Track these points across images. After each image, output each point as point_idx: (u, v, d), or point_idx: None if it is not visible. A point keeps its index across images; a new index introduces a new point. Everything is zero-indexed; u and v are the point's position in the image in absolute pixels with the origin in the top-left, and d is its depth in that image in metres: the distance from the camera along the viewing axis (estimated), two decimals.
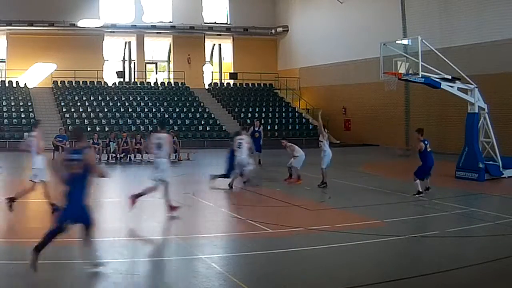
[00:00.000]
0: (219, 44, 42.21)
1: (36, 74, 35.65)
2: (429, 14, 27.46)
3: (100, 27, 36.43)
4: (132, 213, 11.70)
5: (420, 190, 14.06)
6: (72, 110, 32.91)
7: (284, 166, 17.18)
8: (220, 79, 41.61)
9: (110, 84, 37.14)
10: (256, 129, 22.63)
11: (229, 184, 15.44)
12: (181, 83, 38.92)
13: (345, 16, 34.04)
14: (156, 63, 42.24)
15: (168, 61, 41.09)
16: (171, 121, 33.37)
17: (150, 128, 30.51)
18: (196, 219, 11.91)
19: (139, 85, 37.91)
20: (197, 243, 9.53)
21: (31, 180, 11.79)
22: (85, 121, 31.96)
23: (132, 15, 37.85)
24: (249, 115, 35.76)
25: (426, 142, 14.55)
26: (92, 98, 34.64)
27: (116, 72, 38.03)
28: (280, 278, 7.59)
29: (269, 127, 34.72)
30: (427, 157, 14.43)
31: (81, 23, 35.47)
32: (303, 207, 12.71)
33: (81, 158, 7.41)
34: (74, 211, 7.34)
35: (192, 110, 35.51)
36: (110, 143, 23.45)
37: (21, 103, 32.60)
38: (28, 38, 34.99)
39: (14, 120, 30.78)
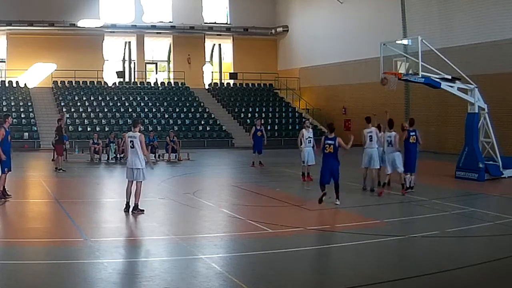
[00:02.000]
0: (219, 44, 42.21)
1: (36, 74, 35.64)
2: (429, 14, 27.46)
3: (100, 27, 36.44)
4: (132, 213, 11.70)
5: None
6: (72, 110, 32.91)
7: (286, 166, 17.10)
8: (220, 79, 41.62)
9: (110, 84, 37.15)
10: (258, 128, 21.73)
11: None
12: (181, 83, 38.92)
13: (345, 16, 34.04)
14: (156, 63, 42.24)
15: (168, 61, 41.09)
16: (171, 121, 33.40)
17: (150, 128, 30.56)
18: (196, 219, 11.90)
19: (139, 85, 37.91)
20: (197, 243, 9.52)
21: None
22: (85, 121, 31.97)
23: (132, 15, 37.86)
24: (249, 115, 35.78)
25: (412, 133, 14.60)
26: (92, 98, 34.65)
27: (116, 72, 38.04)
28: (280, 278, 7.58)
29: (269, 127, 34.72)
30: (407, 148, 14.50)
31: (81, 23, 35.48)
32: (303, 207, 12.72)
33: (334, 143, 12.51)
34: (327, 174, 12.54)
35: (192, 110, 35.51)
36: (111, 144, 23.41)
37: (21, 103, 32.61)
38: (28, 38, 35.00)
39: (14, 120, 30.72)
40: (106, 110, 33.66)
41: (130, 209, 11.60)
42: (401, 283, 7.44)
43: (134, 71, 39.70)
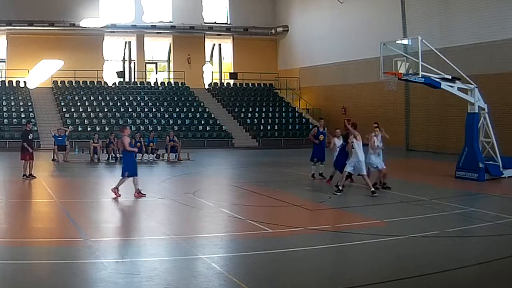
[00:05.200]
0: (219, 44, 42.21)
1: (42, 71, 35.48)
2: (429, 14, 27.46)
3: (100, 27, 36.43)
4: (132, 213, 11.72)
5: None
6: (72, 110, 32.92)
7: (286, 165, 17.08)
8: (220, 79, 41.61)
9: (110, 84, 37.16)
10: (321, 130, 17.70)
11: None
12: (181, 83, 38.92)
13: (345, 16, 34.05)
14: (156, 63, 42.25)
15: (168, 61, 41.09)
16: (171, 121, 33.40)
17: (150, 128, 30.58)
18: (196, 219, 11.90)
19: (139, 85, 37.91)
20: (197, 243, 9.53)
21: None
22: (85, 121, 31.97)
23: (132, 15, 37.85)
24: (249, 115, 35.78)
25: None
26: (92, 98, 34.65)
27: (116, 72, 38.04)
28: (280, 278, 7.58)
29: (269, 127, 34.80)
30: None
31: (82, 23, 35.47)
32: (303, 207, 12.72)
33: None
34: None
35: (192, 110, 35.51)
36: (111, 144, 23.40)
37: (21, 103, 32.61)
38: (28, 38, 35.01)
39: (14, 120, 30.77)
40: (106, 110, 33.66)
41: None
42: (401, 283, 7.44)
43: (134, 71, 39.71)
